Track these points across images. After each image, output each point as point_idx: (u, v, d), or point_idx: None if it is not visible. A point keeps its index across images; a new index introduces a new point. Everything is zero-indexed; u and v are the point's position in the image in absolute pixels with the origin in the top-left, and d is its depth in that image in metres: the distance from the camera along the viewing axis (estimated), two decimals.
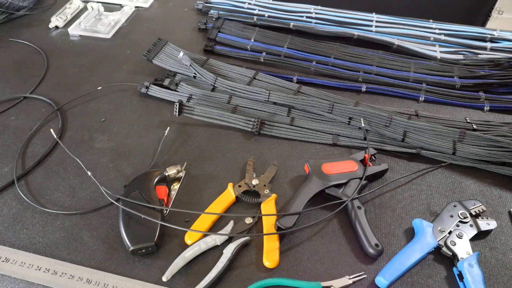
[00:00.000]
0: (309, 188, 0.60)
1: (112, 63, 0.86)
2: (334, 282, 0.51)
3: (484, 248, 0.56)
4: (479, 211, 0.58)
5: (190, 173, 0.64)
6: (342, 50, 0.88)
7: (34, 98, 0.77)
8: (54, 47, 0.90)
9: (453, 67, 0.84)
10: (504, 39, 0.91)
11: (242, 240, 0.54)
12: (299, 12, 0.98)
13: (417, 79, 0.82)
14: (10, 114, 0.74)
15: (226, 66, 0.82)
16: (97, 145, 0.69)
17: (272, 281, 0.51)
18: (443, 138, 0.68)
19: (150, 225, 0.54)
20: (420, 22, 0.96)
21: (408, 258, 0.53)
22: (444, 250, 0.54)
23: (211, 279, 0.50)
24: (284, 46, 0.89)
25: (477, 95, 0.79)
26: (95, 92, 0.78)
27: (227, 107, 0.74)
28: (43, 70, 0.84)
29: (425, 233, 0.54)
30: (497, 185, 0.64)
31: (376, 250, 0.53)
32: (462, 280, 0.51)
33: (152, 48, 0.82)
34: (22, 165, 0.65)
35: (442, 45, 0.90)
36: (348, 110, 0.71)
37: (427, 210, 0.60)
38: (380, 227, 0.58)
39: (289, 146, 0.69)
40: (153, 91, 0.77)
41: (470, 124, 0.71)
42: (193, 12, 1.02)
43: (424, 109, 0.77)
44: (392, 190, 0.63)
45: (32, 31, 0.94)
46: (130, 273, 0.52)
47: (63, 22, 0.96)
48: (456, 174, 0.65)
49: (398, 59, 0.87)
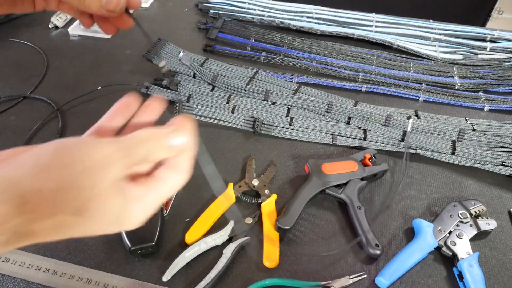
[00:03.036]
0: (309, 188, 0.60)
1: (112, 63, 0.86)
2: (334, 282, 0.51)
3: (484, 248, 0.56)
4: (479, 211, 0.58)
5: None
6: (342, 50, 0.88)
7: (34, 98, 0.77)
8: (54, 47, 0.90)
9: (453, 67, 0.84)
10: (504, 39, 0.91)
11: (242, 240, 0.54)
12: (299, 12, 0.98)
13: (416, 79, 0.82)
14: (10, 114, 0.74)
15: (225, 66, 0.82)
16: None
17: (272, 281, 0.51)
18: (442, 138, 0.68)
19: (150, 225, 0.54)
20: (420, 22, 0.96)
21: (408, 258, 0.53)
22: (444, 250, 0.54)
23: (211, 279, 0.50)
24: (284, 46, 0.89)
25: (477, 95, 0.79)
26: (95, 92, 0.78)
27: (227, 107, 0.74)
28: (43, 70, 0.84)
29: (425, 233, 0.54)
30: (497, 185, 0.64)
31: (376, 250, 0.53)
32: (462, 280, 0.51)
33: (152, 48, 0.82)
34: None
35: (442, 45, 0.90)
36: (347, 110, 0.71)
37: (427, 210, 0.60)
38: (380, 227, 0.58)
39: (289, 146, 0.69)
40: (153, 91, 0.77)
41: (470, 124, 0.71)
42: (193, 12, 1.02)
43: (424, 109, 0.77)
44: (392, 190, 0.63)
45: (32, 31, 0.94)
46: (130, 273, 0.52)
47: (63, 22, 0.96)
48: (456, 174, 0.65)
49: (398, 59, 0.87)
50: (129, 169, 0.28)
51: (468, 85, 0.81)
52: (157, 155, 0.30)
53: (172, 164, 0.31)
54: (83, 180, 0.25)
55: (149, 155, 0.29)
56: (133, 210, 0.29)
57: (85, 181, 0.25)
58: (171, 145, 0.30)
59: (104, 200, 0.26)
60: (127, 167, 0.28)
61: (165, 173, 0.31)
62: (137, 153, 0.28)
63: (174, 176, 0.31)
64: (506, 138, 0.67)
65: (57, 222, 0.25)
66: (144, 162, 0.30)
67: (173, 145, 0.30)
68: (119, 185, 0.27)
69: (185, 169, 0.31)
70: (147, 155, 0.29)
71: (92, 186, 0.25)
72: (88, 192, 0.25)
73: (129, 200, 0.28)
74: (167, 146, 0.30)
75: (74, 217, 0.25)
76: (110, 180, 0.26)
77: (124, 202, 0.28)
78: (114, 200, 0.27)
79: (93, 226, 0.27)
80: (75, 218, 0.25)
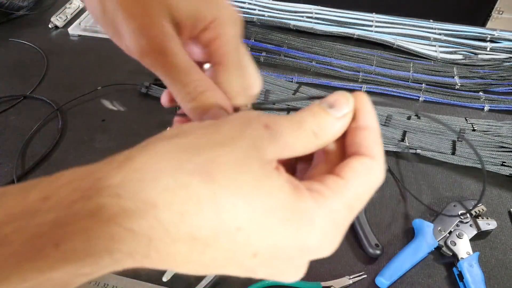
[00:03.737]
0: None
1: (112, 63, 0.86)
2: (334, 282, 0.51)
3: (484, 248, 0.56)
4: (479, 211, 0.58)
5: None
6: (342, 50, 0.88)
7: (34, 98, 0.77)
8: (54, 47, 0.90)
9: (453, 67, 0.84)
10: (504, 39, 0.91)
11: None
12: (299, 12, 0.98)
13: (417, 79, 0.82)
14: (10, 114, 0.74)
15: None
16: (97, 145, 0.69)
17: (272, 281, 0.51)
18: (442, 138, 0.68)
19: None
20: (420, 22, 0.96)
21: (408, 258, 0.53)
22: (444, 250, 0.54)
23: (211, 279, 0.50)
24: (284, 46, 0.89)
25: (477, 95, 0.79)
26: (95, 92, 0.78)
27: None
28: (43, 70, 0.84)
29: (425, 233, 0.54)
30: (497, 185, 0.64)
31: (376, 250, 0.53)
32: (462, 280, 0.51)
33: None
34: (22, 165, 0.65)
35: (442, 45, 0.90)
36: None
37: (427, 210, 0.60)
38: (380, 227, 0.58)
39: None
40: (153, 91, 0.77)
41: (470, 124, 0.71)
42: None
43: (424, 109, 0.77)
44: (392, 190, 0.63)
45: (32, 31, 0.94)
46: (130, 273, 0.52)
47: (63, 22, 0.96)
48: (456, 174, 0.65)
49: (398, 59, 0.87)
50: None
51: (468, 85, 0.81)
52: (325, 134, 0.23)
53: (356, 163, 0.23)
54: None
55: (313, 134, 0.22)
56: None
57: None
58: (335, 115, 0.23)
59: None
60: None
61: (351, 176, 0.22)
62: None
63: (365, 177, 0.22)
64: (506, 138, 0.67)
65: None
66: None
67: (338, 115, 0.23)
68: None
69: (380, 165, 0.23)
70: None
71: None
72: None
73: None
74: (333, 117, 0.23)
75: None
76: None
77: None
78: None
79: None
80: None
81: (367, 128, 0.24)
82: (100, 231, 0.18)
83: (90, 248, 0.18)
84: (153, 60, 0.27)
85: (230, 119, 0.22)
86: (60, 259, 0.17)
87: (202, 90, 0.27)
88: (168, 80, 0.27)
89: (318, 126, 0.22)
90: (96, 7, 0.28)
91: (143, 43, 0.27)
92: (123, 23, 0.27)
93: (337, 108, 0.23)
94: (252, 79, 0.31)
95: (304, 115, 0.23)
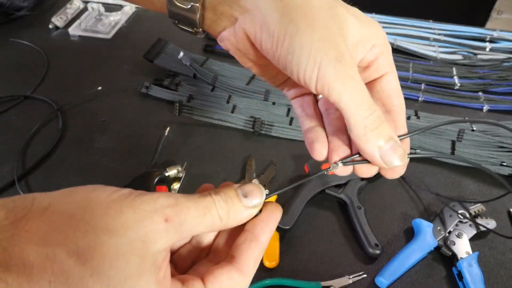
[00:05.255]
0: (309, 188, 0.60)
1: (112, 63, 0.86)
2: (334, 282, 0.51)
3: (484, 248, 0.56)
4: (479, 211, 0.58)
5: (190, 173, 0.65)
6: None
7: (35, 98, 0.77)
8: (54, 47, 0.90)
9: (452, 67, 0.84)
10: (504, 40, 0.91)
11: None
12: None
13: (416, 79, 0.82)
14: (10, 114, 0.75)
15: (226, 66, 0.82)
16: (97, 145, 0.69)
17: (272, 281, 0.51)
18: (442, 138, 0.68)
19: None
20: (419, 22, 0.96)
21: (408, 258, 0.53)
22: (444, 250, 0.54)
23: None
24: None
25: (476, 95, 0.79)
26: (95, 92, 0.78)
27: (227, 106, 0.74)
28: (43, 70, 0.84)
29: (425, 233, 0.55)
30: (497, 185, 0.64)
31: (376, 250, 0.54)
32: (462, 280, 0.51)
33: (152, 48, 0.82)
34: (23, 165, 0.66)
35: (441, 45, 0.90)
36: None
37: (427, 210, 0.61)
38: (380, 227, 0.58)
39: (289, 146, 0.69)
40: (153, 91, 0.77)
41: (469, 124, 0.71)
42: None
43: (423, 109, 0.77)
44: (392, 190, 0.63)
45: (32, 31, 0.94)
46: None
47: (63, 23, 0.96)
48: (456, 174, 0.66)
49: (398, 59, 0.87)
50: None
51: (468, 85, 0.81)
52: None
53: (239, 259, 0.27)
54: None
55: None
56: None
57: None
58: (246, 204, 0.26)
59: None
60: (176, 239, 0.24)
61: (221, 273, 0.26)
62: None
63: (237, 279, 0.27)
64: (505, 138, 0.67)
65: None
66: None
67: (249, 205, 0.26)
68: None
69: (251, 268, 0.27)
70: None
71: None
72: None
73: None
74: (242, 206, 0.26)
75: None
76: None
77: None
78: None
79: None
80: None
81: (257, 241, 0.27)
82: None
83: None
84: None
85: (142, 208, 0.23)
86: None
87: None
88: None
89: (225, 212, 0.25)
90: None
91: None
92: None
93: (250, 198, 0.26)
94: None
95: (216, 200, 0.25)
